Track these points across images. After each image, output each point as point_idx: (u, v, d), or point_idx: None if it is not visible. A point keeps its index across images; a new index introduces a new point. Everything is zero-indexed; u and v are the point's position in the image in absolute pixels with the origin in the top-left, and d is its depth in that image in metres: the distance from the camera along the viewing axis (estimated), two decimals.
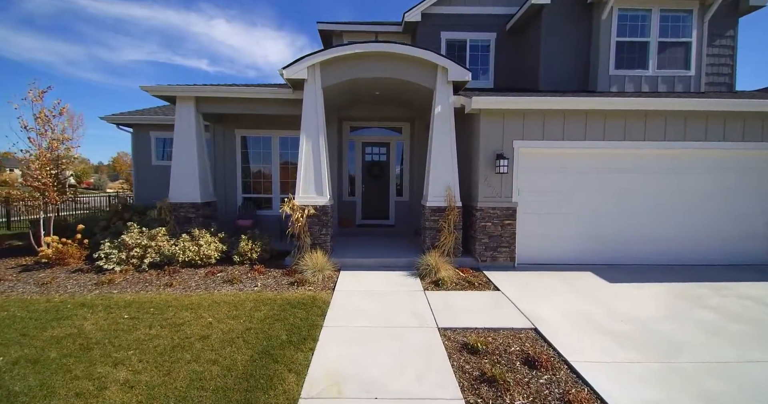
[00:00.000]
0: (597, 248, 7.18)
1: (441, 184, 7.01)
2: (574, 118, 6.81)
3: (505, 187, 6.90)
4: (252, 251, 6.73)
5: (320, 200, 6.95)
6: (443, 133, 7.01)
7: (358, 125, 10.42)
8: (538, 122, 6.83)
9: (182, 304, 5.02)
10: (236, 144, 9.31)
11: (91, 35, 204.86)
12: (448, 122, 7.00)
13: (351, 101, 8.87)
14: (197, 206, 7.68)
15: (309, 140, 6.98)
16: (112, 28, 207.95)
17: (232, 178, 9.34)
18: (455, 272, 6.44)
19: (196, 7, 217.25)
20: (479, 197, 6.90)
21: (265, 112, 7.90)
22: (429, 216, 7.00)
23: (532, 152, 6.95)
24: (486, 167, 6.88)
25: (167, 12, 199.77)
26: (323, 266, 6.27)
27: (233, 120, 9.21)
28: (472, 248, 7.22)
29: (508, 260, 6.96)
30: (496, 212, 6.88)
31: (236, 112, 7.95)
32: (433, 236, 7.03)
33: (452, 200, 6.94)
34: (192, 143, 7.69)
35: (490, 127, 6.84)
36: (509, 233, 6.91)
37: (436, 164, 7.02)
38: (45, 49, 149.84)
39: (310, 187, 6.97)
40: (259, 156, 9.50)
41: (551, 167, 7.06)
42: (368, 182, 10.69)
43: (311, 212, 6.85)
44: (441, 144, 7.01)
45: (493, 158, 6.85)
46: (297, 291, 5.58)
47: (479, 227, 6.88)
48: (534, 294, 5.55)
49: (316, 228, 6.96)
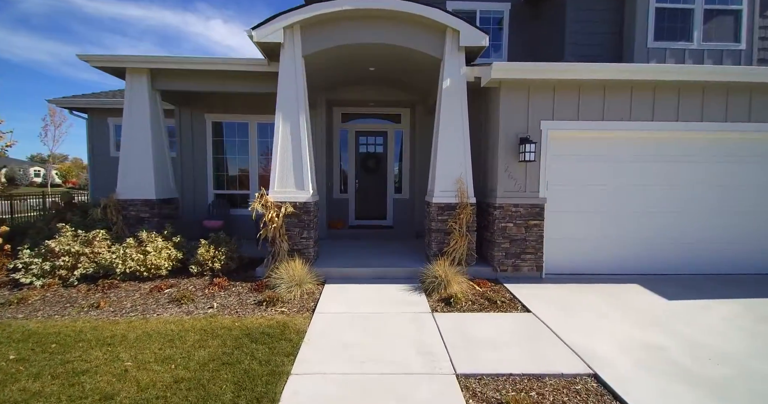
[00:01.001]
0: (641, 254, 5.85)
1: (450, 176, 5.66)
2: (616, 92, 5.48)
3: (531, 179, 5.55)
4: (214, 260, 5.35)
5: (301, 195, 5.58)
6: (453, 112, 5.66)
7: (351, 111, 9.07)
8: (572, 97, 5.50)
9: (100, 337, 3.64)
10: (207, 131, 7.92)
11: (87, 35, 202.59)
12: (459, 98, 5.65)
13: (341, 79, 7.52)
14: (152, 203, 6.29)
15: (287, 120, 5.61)
16: (108, 28, 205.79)
17: (201, 171, 7.95)
18: (469, 285, 5.09)
19: (192, 7, 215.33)
20: (498, 191, 5.55)
21: (237, 89, 6.54)
22: (435, 216, 5.65)
23: (564, 135, 5.61)
24: (507, 154, 5.53)
25: (164, 12, 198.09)
26: (302, 278, 4.91)
27: (202, 102, 7.84)
28: (488, 254, 5.88)
29: (534, 270, 5.61)
30: (520, 210, 5.54)
31: (202, 89, 6.57)
32: (440, 240, 5.68)
33: (464, 195, 5.59)
34: (145, 126, 6.31)
35: (512, 103, 5.49)
36: (535, 236, 5.56)
37: (444, 151, 5.67)
38: (41, 50, 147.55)
39: (288, 179, 5.61)
40: (234, 146, 8.12)
41: (586, 155, 5.72)
42: (362, 177, 9.33)
43: (289, 211, 5.48)
44: (450, 126, 5.66)
45: (515, 143, 5.50)
46: (264, 314, 4.21)
47: (498, 229, 5.54)
48: (577, 318, 4.20)
49: (296, 230, 5.59)
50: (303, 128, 5.61)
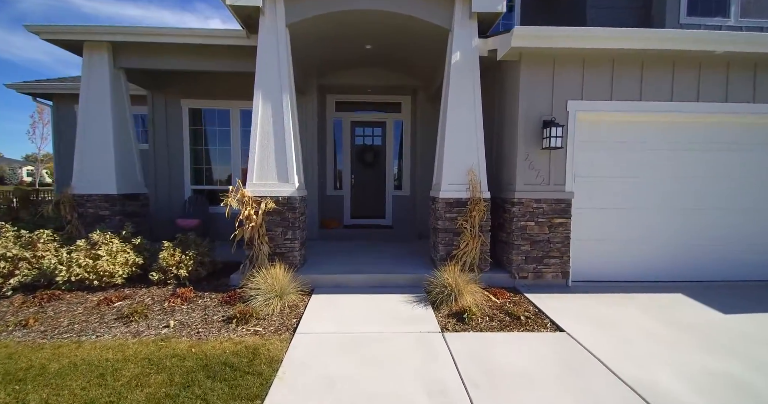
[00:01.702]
0: (681, 257, 5.02)
1: (460, 166, 4.81)
2: (656, 67, 4.65)
3: (556, 170, 4.72)
4: (179, 266, 4.48)
5: (284, 189, 4.73)
6: (464, 92, 4.81)
7: (346, 99, 8.22)
8: (604, 72, 4.66)
9: (11, 370, 2.77)
10: (183, 119, 7.06)
11: None
12: (471, 75, 4.81)
13: (334, 60, 6.67)
14: (112, 199, 5.42)
15: (267, 100, 4.76)
16: None
17: (177, 164, 7.08)
18: (484, 296, 4.25)
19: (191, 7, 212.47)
20: (517, 184, 4.71)
21: (213, 68, 5.68)
22: (443, 213, 4.81)
23: (594, 118, 4.78)
24: (527, 140, 4.69)
25: (162, 12, 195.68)
26: (284, 288, 4.06)
27: (178, 86, 6.97)
28: (504, 258, 5.03)
29: (559, 277, 4.77)
30: (542, 206, 4.70)
31: (172, 67, 5.71)
32: (448, 242, 4.84)
33: (477, 188, 4.75)
34: (105, 110, 5.44)
35: (535, 80, 4.65)
36: (561, 236, 4.73)
37: (453, 138, 4.82)
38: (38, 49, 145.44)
39: (269, 170, 4.75)
40: (215, 135, 7.25)
41: (620, 142, 4.89)
42: (359, 172, 8.48)
43: (270, 207, 4.63)
44: (461, 108, 4.82)
45: (538, 126, 4.67)
46: (232, 335, 3.36)
47: (517, 229, 4.70)
48: (622, 339, 3.36)
49: (278, 230, 4.73)
50: (287, 111, 4.76)
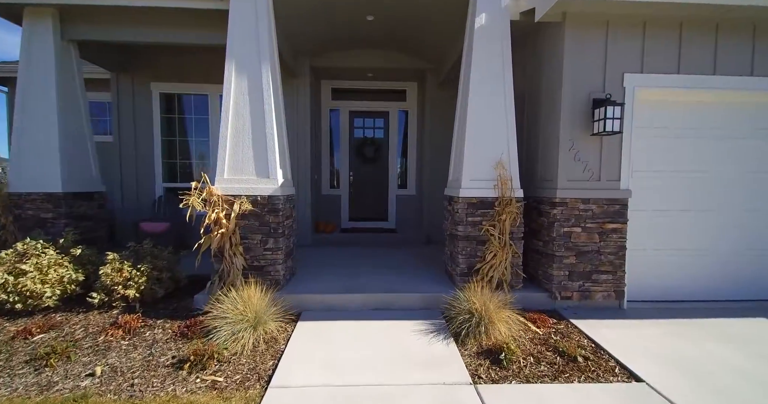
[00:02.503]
0: (761, 271, 4.04)
1: (486, 158, 3.83)
2: (735, 31, 3.67)
3: (609, 162, 3.73)
4: (128, 284, 3.49)
5: (264, 186, 3.74)
6: (492, 64, 3.83)
7: (344, 85, 7.24)
8: (670, 38, 3.68)
9: None
10: (153, 106, 6.06)
11: None
12: (500, 43, 3.83)
13: (329, 36, 5.67)
14: (57, 199, 4.43)
15: (242, 73, 3.77)
16: None
17: (146, 158, 6.08)
18: (521, 323, 3.27)
19: None
20: (559, 180, 3.72)
21: (182, 40, 4.68)
22: (464, 216, 3.82)
23: (657, 96, 3.79)
24: (573, 124, 3.71)
25: None
26: (259, 314, 3.08)
27: (147, 67, 5.98)
28: (540, 272, 4.05)
29: (611, 297, 3.79)
30: (591, 207, 3.71)
31: (133, 39, 4.72)
32: (471, 253, 3.85)
33: (507, 185, 3.76)
34: (50, 92, 4.45)
35: (582, 47, 3.66)
36: (614, 246, 3.74)
37: (476, 122, 3.83)
38: None
39: (245, 162, 3.76)
40: (191, 125, 6.26)
41: (688, 128, 3.91)
42: (358, 169, 7.51)
43: (246, 209, 3.64)
44: (487, 86, 3.83)
45: (586, 106, 3.68)
46: (180, 390, 2.37)
47: (559, 237, 3.71)
48: (732, 395, 2.37)
49: (256, 238, 3.74)
50: (268, 88, 3.77)
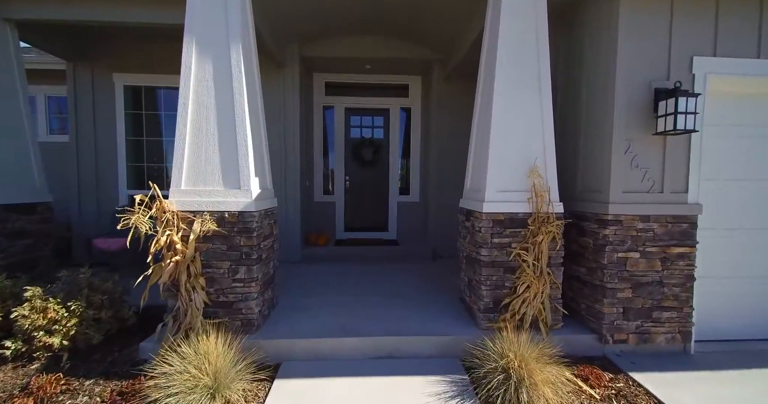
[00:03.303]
0: None
1: (517, 163, 3.03)
2: None
3: (674, 168, 2.94)
4: (52, 330, 2.65)
5: (234, 199, 2.91)
6: (522, 42, 3.03)
7: (339, 79, 6.44)
8: (750, 14, 2.91)
9: None
10: (117, 100, 5.21)
11: None
12: (533, 17, 3.03)
13: (321, 19, 4.86)
14: None
15: (204, 58, 2.95)
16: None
17: (108, 161, 5.23)
18: (571, 382, 2.48)
19: None
20: (611, 192, 2.93)
21: (137, 18, 3.87)
22: (488, 237, 3.01)
23: (734, 87, 3.01)
24: (629, 120, 2.92)
25: None
26: (220, 377, 2.26)
27: (109, 56, 5.13)
28: (582, 306, 3.25)
29: (676, 339, 2.99)
30: (653, 227, 2.92)
31: (80, 18, 3.88)
32: (497, 283, 3.05)
33: (543, 198, 2.96)
34: None
35: (641, 24, 2.88)
36: (680, 275, 2.95)
37: (504, 119, 3.03)
38: None
39: (208, 169, 2.94)
40: (160, 122, 5.42)
41: (759, 127, 3.14)
42: (355, 173, 6.71)
43: (209, 230, 2.81)
44: (516, 72, 3.03)
45: (646, 98, 2.90)
46: None
47: (611, 264, 2.91)
48: None
49: (224, 267, 2.91)
50: (239, 74, 2.95)
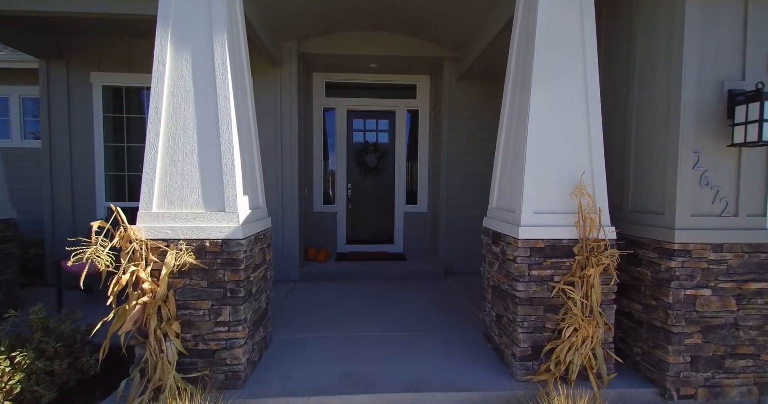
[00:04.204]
0: None
1: (559, 179, 2.52)
2: None
3: (749, 186, 2.43)
4: None
5: (216, 223, 2.38)
6: (564, 33, 2.51)
7: (341, 79, 5.93)
8: None
9: None
10: (94, 102, 4.67)
11: None
12: (577, 5, 2.54)
13: (320, 11, 4.35)
14: None
15: (181, 52, 2.43)
16: None
17: (84, 169, 4.69)
18: None
19: None
20: (678, 215, 2.40)
21: (112, 8, 3.35)
22: (525, 269, 2.49)
23: None
24: (697, 128, 2.41)
25: None
26: None
27: (86, 53, 4.61)
28: (637, 350, 2.73)
29: (752, 392, 2.47)
30: (726, 258, 2.41)
31: (46, 9, 3.37)
32: (537, 324, 2.52)
33: (592, 222, 2.45)
34: None
35: (709, 16, 2.37)
36: (758, 315, 2.44)
37: (542, 124, 2.51)
38: None
39: (186, 187, 2.42)
40: (143, 126, 4.87)
41: None
42: (358, 180, 6.20)
43: (185, 262, 2.29)
44: (558, 67, 2.52)
45: (717, 101, 2.39)
46: None
47: (677, 303, 2.40)
48: None
49: (204, 308, 2.38)
50: (224, 72, 2.44)
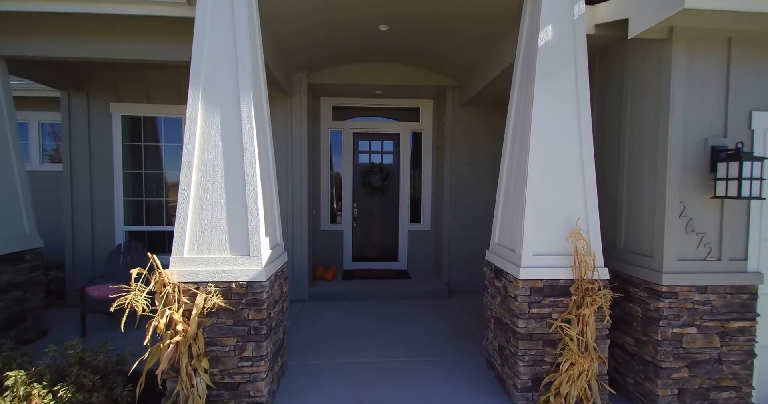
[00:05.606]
0: None
1: (555, 223, 2.74)
2: None
3: (732, 233, 2.65)
4: None
5: (242, 267, 2.61)
6: (561, 93, 2.74)
7: (347, 103, 6.16)
8: None
9: None
10: (114, 131, 4.89)
11: None
12: (572, 64, 2.75)
13: (332, 51, 4.57)
14: None
15: (211, 112, 2.65)
16: None
17: (104, 196, 4.91)
18: None
19: None
20: (665, 259, 2.62)
21: (135, 55, 3.57)
22: (525, 307, 2.71)
23: None
24: (682, 180, 2.63)
25: None
26: None
27: (105, 85, 4.83)
28: (629, 381, 2.95)
29: None
30: (710, 298, 2.62)
31: (69, 55, 3.57)
32: (536, 358, 2.74)
33: (587, 264, 2.66)
34: None
35: (693, 75, 2.59)
36: (739, 351, 2.65)
37: (540, 171, 2.74)
38: None
39: (214, 234, 2.63)
40: (160, 155, 5.10)
41: None
42: (364, 200, 6.42)
43: (215, 304, 2.51)
44: (554, 122, 2.74)
45: (701, 157, 2.61)
46: None
47: (665, 341, 2.61)
48: None
49: (230, 344, 2.60)
50: (250, 128, 2.65)
